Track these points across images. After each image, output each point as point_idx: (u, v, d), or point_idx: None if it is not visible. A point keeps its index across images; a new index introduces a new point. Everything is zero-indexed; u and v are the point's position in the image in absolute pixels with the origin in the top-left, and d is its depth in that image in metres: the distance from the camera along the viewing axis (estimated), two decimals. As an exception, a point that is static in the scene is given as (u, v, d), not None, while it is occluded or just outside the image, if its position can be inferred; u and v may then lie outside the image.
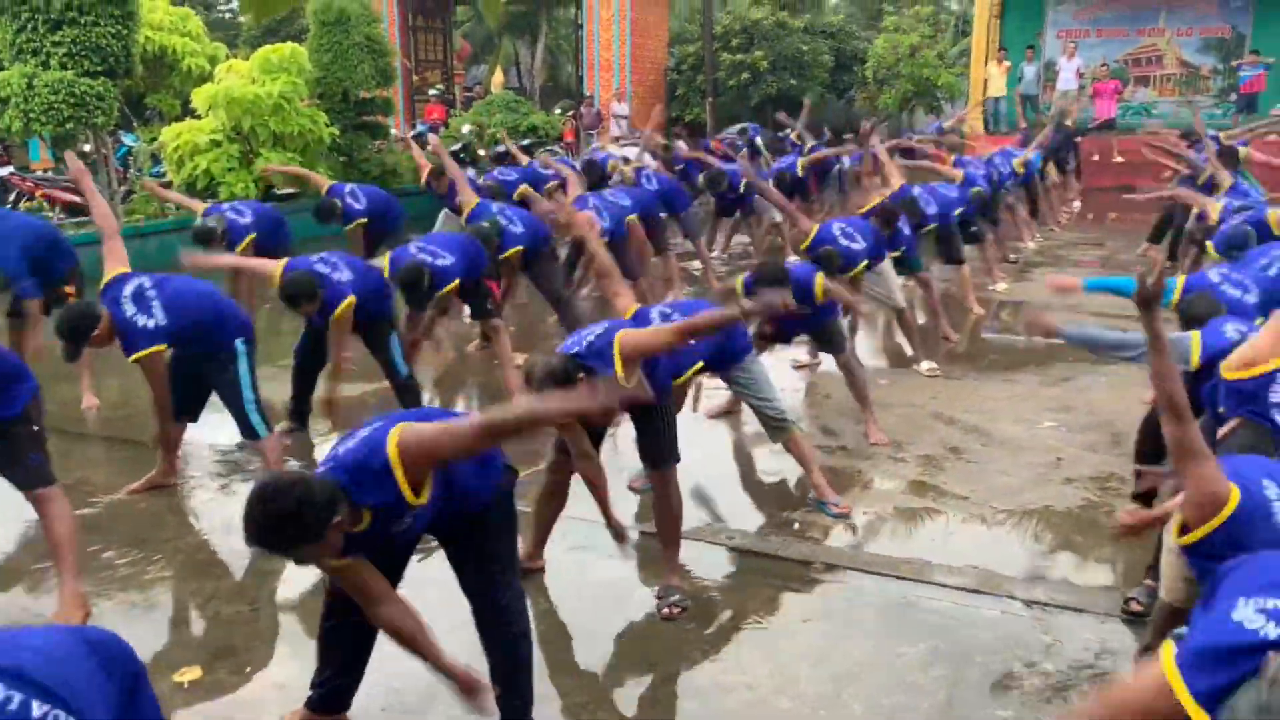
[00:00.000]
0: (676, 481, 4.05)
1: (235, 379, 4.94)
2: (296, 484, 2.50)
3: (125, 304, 4.69)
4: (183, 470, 5.43)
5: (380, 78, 14.23)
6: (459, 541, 3.07)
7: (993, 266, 9.90)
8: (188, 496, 5.22)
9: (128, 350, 4.72)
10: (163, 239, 10.67)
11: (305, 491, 2.48)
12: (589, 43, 21.73)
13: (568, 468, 4.12)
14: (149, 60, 12.81)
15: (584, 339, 3.74)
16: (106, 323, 4.65)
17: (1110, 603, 3.95)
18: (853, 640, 3.78)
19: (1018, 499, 4.96)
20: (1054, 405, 6.33)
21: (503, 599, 3.07)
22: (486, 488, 3.01)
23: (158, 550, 4.58)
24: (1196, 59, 20.06)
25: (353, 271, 5.56)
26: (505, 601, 3.08)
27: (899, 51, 21.21)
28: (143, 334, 4.68)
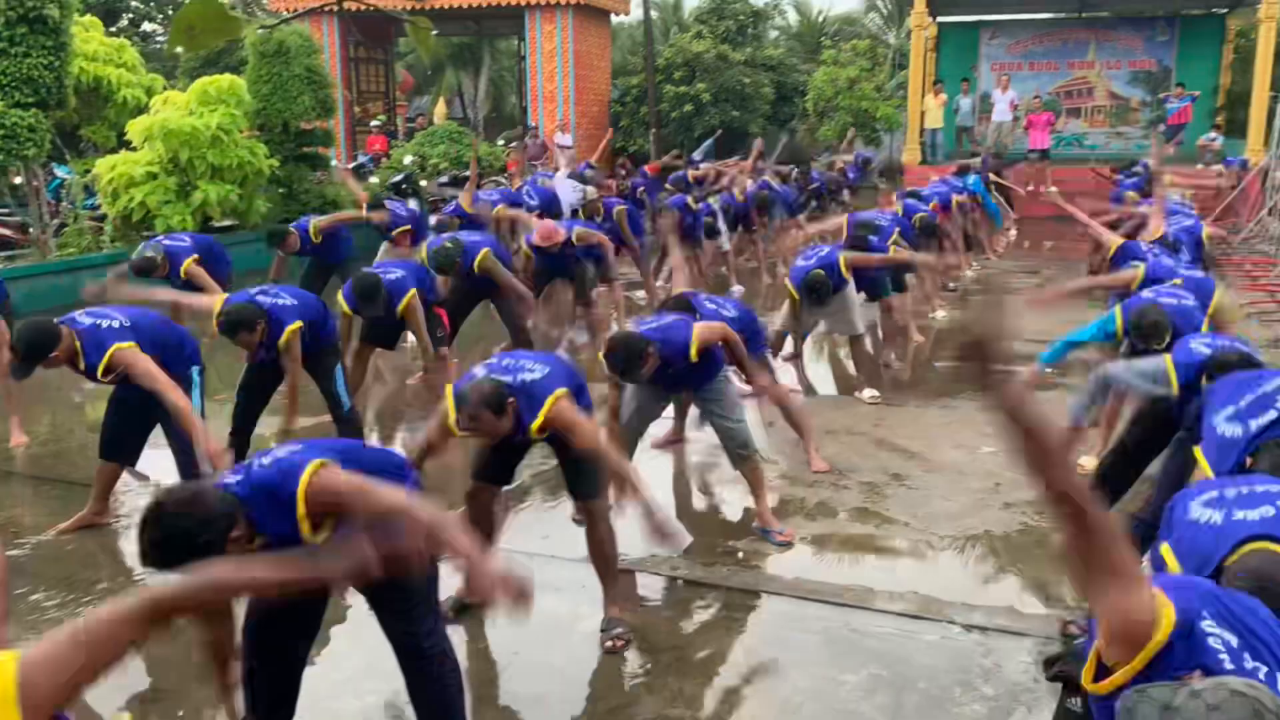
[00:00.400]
0: (605, 515, 4.02)
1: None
2: (191, 498, 2.45)
3: (83, 317, 4.61)
4: (116, 509, 5.30)
5: (321, 109, 14.13)
6: (376, 582, 3.00)
7: (932, 295, 10.03)
8: (120, 535, 5.09)
9: (93, 360, 4.52)
10: (96, 273, 10.47)
11: (200, 504, 2.43)
12: (532, 74, 21.82)
13: (486, 493, 4.08)
14: (83, 91, 12.61)
15: (521, 370, 3.72)
16: (67, 340, 4.49)
17: (1049, 626, 3.99)
18: (796, 669, 3.78)
19: (958, 524, 5.01)
20: (992, 431, 6.39)
21: (424, 643, 3.01)
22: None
23: (88, 592, 4.46)
24: (1126, 91, 20.64)
25: (295, 299, 5.51)
26: (427, 646, 3.01)
27: (838, 84, 21.58)
28: (109, 333, 4.56)
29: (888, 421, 6.67)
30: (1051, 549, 4.72)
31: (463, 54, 28.90)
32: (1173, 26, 20.33)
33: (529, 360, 3.84)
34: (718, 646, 3.96)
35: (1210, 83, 19.96)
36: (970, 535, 4.90)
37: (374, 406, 7.33)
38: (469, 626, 4.11)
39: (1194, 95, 18.90)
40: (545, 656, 3.91)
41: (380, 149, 18.96)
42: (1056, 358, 5.48)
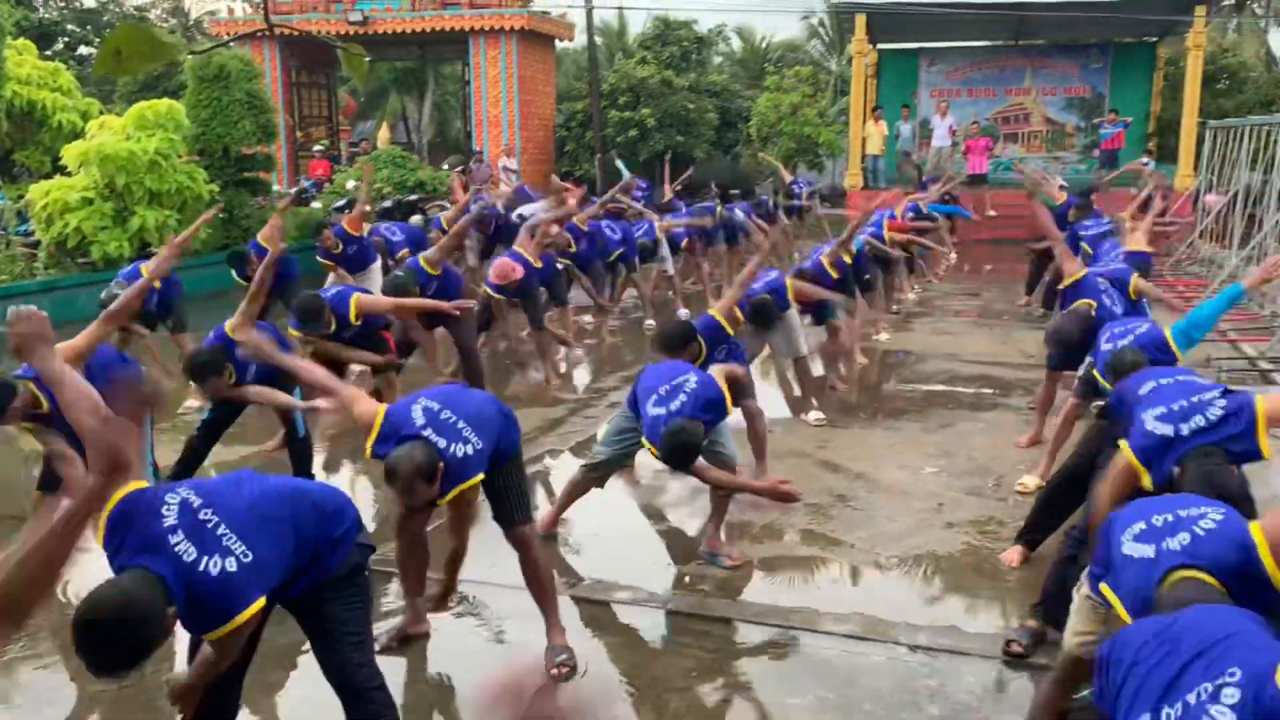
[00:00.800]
0: (533, 540, 3.99)
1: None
2: (120, 604, 2.35)
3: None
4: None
5: (262, 134, 13.99)
6: (310, 614, 2.97)
7: (877, 317, 10.14)
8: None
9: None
10: (28, 300, 10.23)
11: (131, 607, 2.35)
12: (477, 99, 21.80)
13: (417, 523, 4.03)
14: (16, 116, 12.39)
15: (460, 438, 3.58)
16: (30, 392, 4.34)
17: (992, 645, 4.02)
18: (742, 692, 3.77)
19: (902, 544, 5.05)
20: (935, 451, 6.48)
21: (358, 677, 2.99)
22: (335, 560, 2.92)
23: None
24: (1061, 117, 21.10)
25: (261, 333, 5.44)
26: (360, 681, 2.99)
27: (781, 110, 21.79)
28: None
29: (833, 443, 6.71)
30: (993, 569, 4.77)
31: (407, 79, 28.80)
32: (1106, 54, 20.86)
33: (470, 426, 3.62)
34: (664, 671, 3.94)
35: (1142, 109, 20.48)
36: (915, 555, 4.93)
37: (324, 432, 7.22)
38: (411, 660, 4.05)
39: (1126, 121, 19.36)
40: (491, 685, 3.86)
41: (323, 174, 18.79)
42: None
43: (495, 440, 3.76)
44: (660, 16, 25.85)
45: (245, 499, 2.76)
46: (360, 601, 3.02)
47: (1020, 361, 8.80)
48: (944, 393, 7.96)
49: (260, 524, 2.70)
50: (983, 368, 8.74)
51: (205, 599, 2.53)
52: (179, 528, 2.56)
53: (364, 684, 2.99)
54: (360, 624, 3.02)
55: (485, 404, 3.92)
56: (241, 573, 2.58)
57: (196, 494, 2.68)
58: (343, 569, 2.92)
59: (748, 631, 4.23)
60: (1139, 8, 17.77)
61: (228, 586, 2.55)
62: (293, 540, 2.77)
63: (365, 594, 3.06)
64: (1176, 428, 3.42)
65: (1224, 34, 25.03)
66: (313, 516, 2.88)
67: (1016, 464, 6.10)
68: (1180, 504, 2.85)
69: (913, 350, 9.47)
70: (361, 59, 1.65)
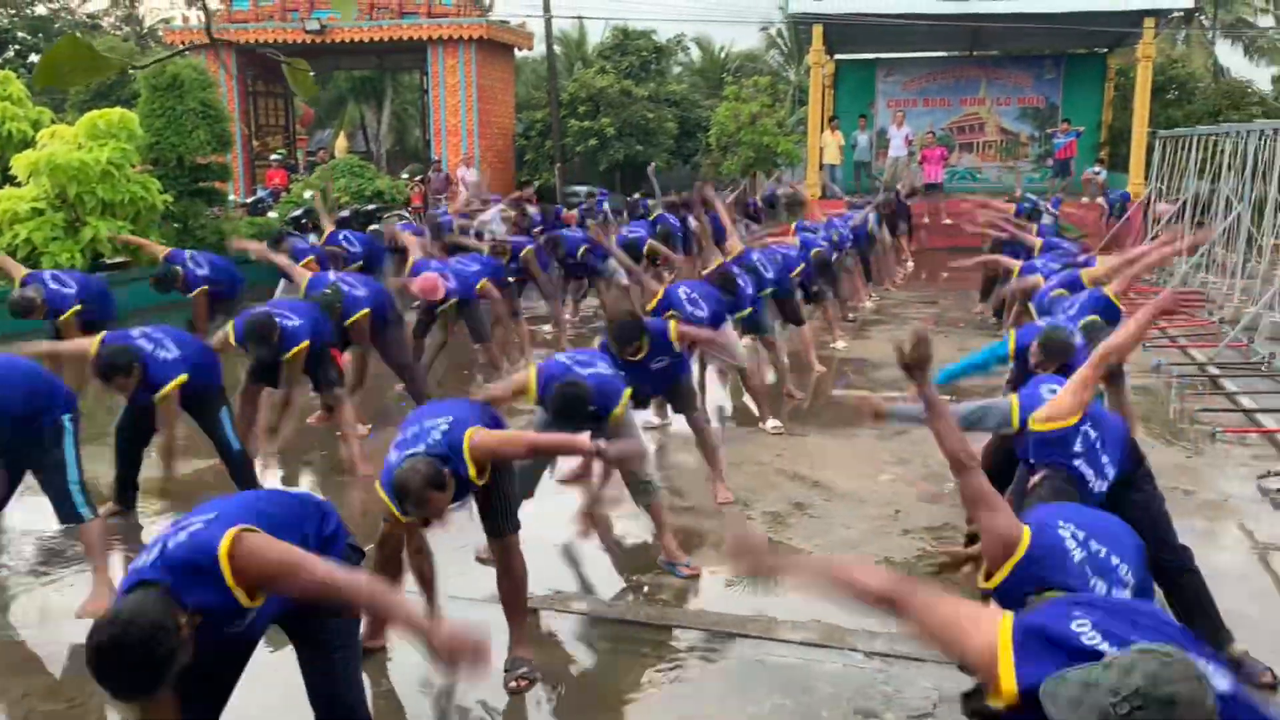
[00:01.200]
0: (519, 550, 3.99)
1: (61, 459, 4.54)
2: (127, 621, 2.32)
3: None
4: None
5: (217, 143, 13.85)
6: (303, 629, 2.95)
7: (833, 325, 10.21)
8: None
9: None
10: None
11: (139, 623, 2.32)
12: (435, 108, 21.74)
13: (396, 537, 4.02)
14: (-36, 125, 12.18)
15: (428, 433, 3.65)
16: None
17: (947, 650, 4.05)
18: (699, 701, 3.78)
19: (859, 551, 5.08)
20: (891, 459, 6.53)
21: (350, 694, 2.99)
22: (331, 557, 2.89)
23: (-38, 647, 4.25)
24: (1015, 126, 21.39)
25: (180, 347, 5.32)
26: (352, 698, 2.99)
27: (740, 120, 21.91)
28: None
29: (790, 452, 6.74)
30: (949, 574, 4.81)
31: (365, 88, 28.67)
32: (1059, 65, 21.18)
33: (429, 419, 3.75)
34: (622, 682, 3.94)
35: (1094, 119, 20.81)
36: (871, 562, 4.96)
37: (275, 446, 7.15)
38: (370, 671, 4.01)
39: (1079, 131, 19.68)
40: (447, 699, 3.84)
41: (280, 183, 18.65)
42: (949, 379, 5.60)
43: (474, 417, 3.78)
44: (619, 26, 25.96)
45: (238, 499, 2.81)
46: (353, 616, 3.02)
47: (976, 369, 8.89)
48: (900, 400, 8.01)
49: (280, 524, 2.73)
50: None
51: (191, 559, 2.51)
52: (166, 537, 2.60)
53: (354, 704, 3.01)
54: (350, 636, 3.03)
55: (445, 405, 3.96)
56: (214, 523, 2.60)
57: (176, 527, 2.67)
58: None
59: (705, 640, 4.23)
60: (1090, 20, 18.07)
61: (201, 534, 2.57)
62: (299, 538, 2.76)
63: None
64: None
65: (1173, 46, 25.54)
66: (311, 512, 2.89)
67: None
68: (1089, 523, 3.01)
69: (869, 358, 9.55)
70: (307, 74, 1.65)
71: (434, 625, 2.59)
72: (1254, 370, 8.72)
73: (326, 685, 2.97)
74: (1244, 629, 3.89)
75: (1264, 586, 4.78)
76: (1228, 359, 9.09)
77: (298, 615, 2.90)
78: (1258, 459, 6.40)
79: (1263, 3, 29.44)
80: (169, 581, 2.46)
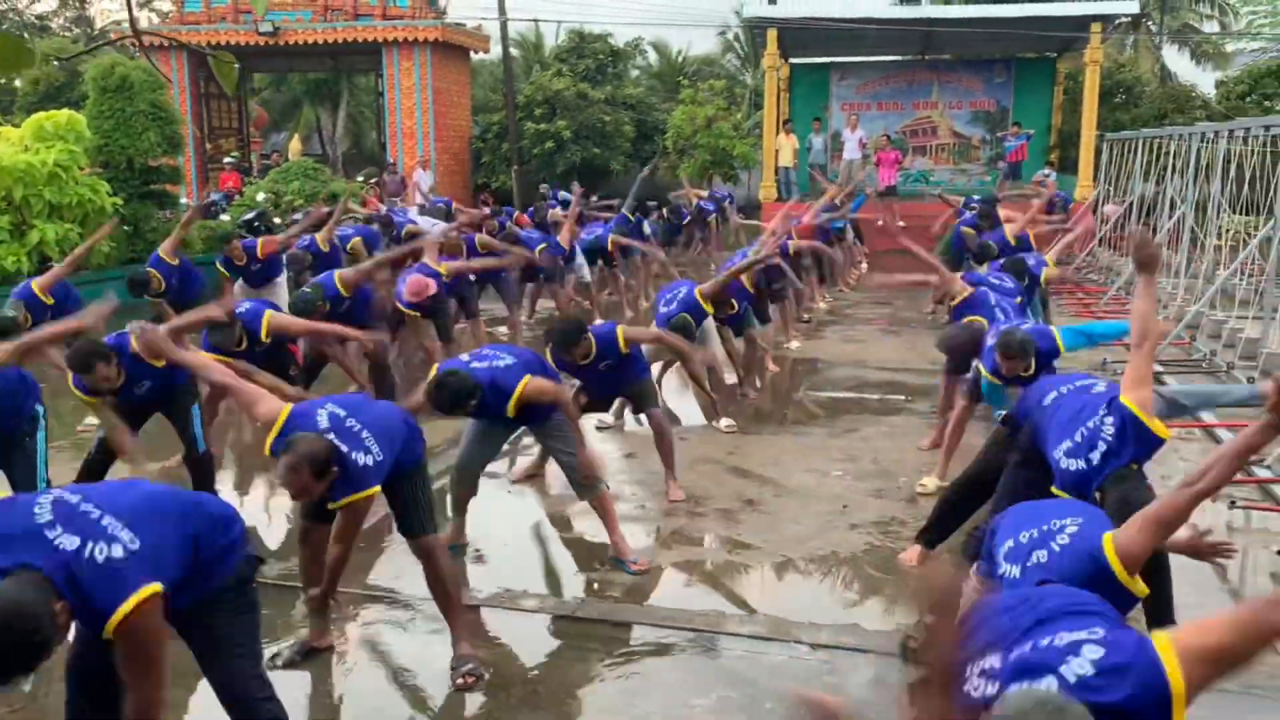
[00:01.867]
0: (438, 550, 3.99)
1: (32, 452, 4.74)
2: (7, 612, 2.29)
3: None
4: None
5: (167, 145, 13.71)
6: (198, 626, 2.91)
7: (788, 325, 10.29)
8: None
9: None
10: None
11: (16, 610, 2.29)
12: (391, 111, 21.63)
13: (318, 533, 4.01)
14: (-93, 126, 11.97)
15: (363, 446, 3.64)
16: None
17: (891, 642, 4.12)
18: (647, 695, 3.81)
19: (806, 546, 5.14)
20: (841, 456, 6.61)
21: (250, 688, 2.96)
22: (223, 572, 2.88)
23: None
24: (967, 130, 21.66)
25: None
26: (252, 691, 2.96)
27: (696, 123, 22.00)
28: None
29: (743, 449, 6.80)
30: (893, 568, 4.89)
31: (320, 90, 28.42)
32: (1009, 69, 21.48)
33: (373, 436, 3.68)
34: (571, 677, 3.96)
35: (1044, 122, 21.12)
36: (819, 556, 5.03)
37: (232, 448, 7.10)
38: (316, 672, 4.02)
39: (1029, 134, 19.97)
40: (393, 698, 3.85)
41: (233, 186, 18.45)
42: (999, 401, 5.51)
43: (397, 452, 3.78)
44: (575, 29, 25.94)
45: (132, 496, 2.73)
46: (249, 612, 2.99)
47: (926, 368, 8.99)
48: (852, 399, 8.13)
49: (148, 517, 2.66)
50: (890, 374, 8.94)
51: (94, 587, 2.46)
52: (56, 522, 2.51)
53: (255, 694, 2.96)
54: (249, 635, 2.99)
55: (390, 415, 3.93)
56: (130, 559, 2.52)
57: (72, 493, 2.64)
58: (231, 579, 2.90)
59: (654, 635, 4.27)
60: (1039, 24, 18.35)
61: (113, 571, 2.49)
62: (180, 537, 2.73)
63: (254, 604, 3.02)
64: (1087, 459, 3.71)
65: (1121, 50, 25.94)
66: (203, 519, 2.85)
67: (918, 466, 6.26)
68: (1046, 515, 3.02)
69: (823, 358, 9.64)
70: (231, 66, 1.66)
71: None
72: (1195, 367, 8.91)
73: (229, 686, 2.95)
74: (1183, 617, 3.98)
75: (1203, 578, 4.88)
76: (1171, 356, 9.27)
77: (191, 616, 2.86)
78: (1201, 454, 6.54)
79: (1208, 9, 30.03)
80: (55, 578, 2.43)
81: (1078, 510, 3.05)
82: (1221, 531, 5.47)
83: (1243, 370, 8.21)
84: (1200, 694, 2.01)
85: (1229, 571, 4.94)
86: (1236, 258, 10.19)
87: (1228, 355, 8.77)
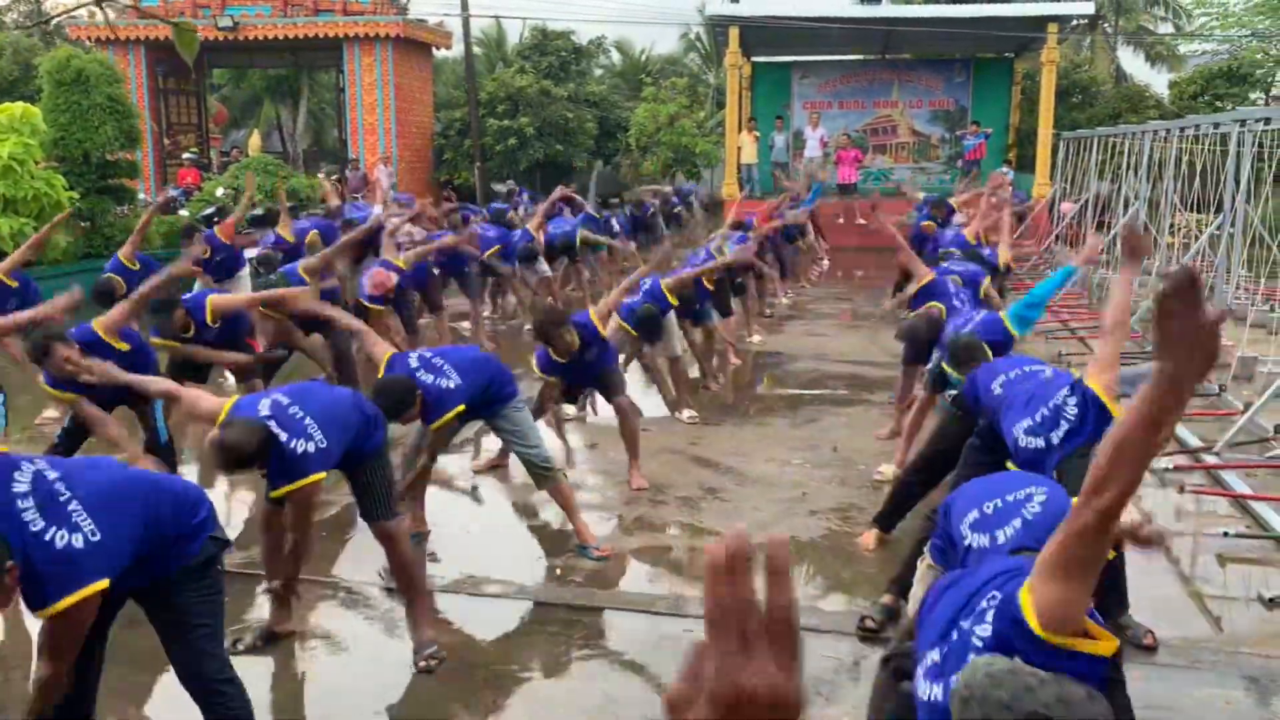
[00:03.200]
0: (399, 534, 4.02)
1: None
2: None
3: None
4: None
5: (125, 140, 13.55)
6: (161, 605, 2.94)
7: (750, 320, 10.37)
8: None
9: None
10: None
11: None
12: (352, 107, 21.50)
13: (279, 518, 4.03)
14: None
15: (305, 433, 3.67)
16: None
17: (847, 622, 4.20)
18: (610, 676, 3.86)
19: (767, 532, 5.21)
20: (801, 445, 6.69)
21: (209, 668, 2.98)
22: (189, 551, 2.90)
23: None
24: (927, 129, 21.87)
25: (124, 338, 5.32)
26: (211, 672, 2.98)
27: (659, 120, 22.08)
28: None
29: (705, 439, 6.86)
30: (851, 552, 4.97)
31: (280, 86, 28.20)
32: (968, 68, 21.71)
33: (318, 424, 3.71)
34: (533, 659, 4.00)
35: (1002, 121, 21.37)
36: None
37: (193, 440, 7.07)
38: (278, 657, 4.03)
39: (987, 132, 20.21)
40: (355, 681, 3.87)
41: (193, 182, 18.28)
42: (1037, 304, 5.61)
43: (349, 440, 3.80)
44: (538, 26, 25.93)
45: (102, 479, 2.74)
46: (213, 593, 3.01)
47: (885, 360, 9.10)
48: (812, 390, 8.22)
49: (113, 504, 2.68)
50: (849, 367, 9.04)
51: (45, 569, 2.49)
52: (30, 495, 2.53)
53: (215, 675, 2.98)
54: (212, 615, 3.01)
55: (341, 403, 3.94)
56: (87, 550, 2.55)
57: (53, 468, 2.66)
58: (197, 559, 2.91)
59: (617, 619, 4.32)
60: (997, 25, 18.58)
61: (69, 562, 2.52)
62: (144, 524, 2.75)
63: (218, 586, 3.05)
64: (1047, 438, 3.75)
65: (1077, 51, 26.33)
66: (167, 502, 2.87)
67: (876, 454, 6.35)
68: (1008, 486, 3.06)
69: (784, 351, 9.73)
70: (193, 34, 1.67)
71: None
72: (1148, 358, 9.07)
73: (189, 665, 2.97)
74: (1131, 597, 4.09)
75: (1152, 563, 5.00)
76: (1124, 349, 9.43)
77: (154, 593, 2.90)
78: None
79: (1162, 11, 30.55)
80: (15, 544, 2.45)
81: (1039, 481, 3.08)
82: (1170, 516, 5.62)
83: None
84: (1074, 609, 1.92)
85: (1178, 555, 5.07)
86: (1187, 253, 10.41)
87: (1179, 347, 8.94)
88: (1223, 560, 4.98)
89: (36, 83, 16.42)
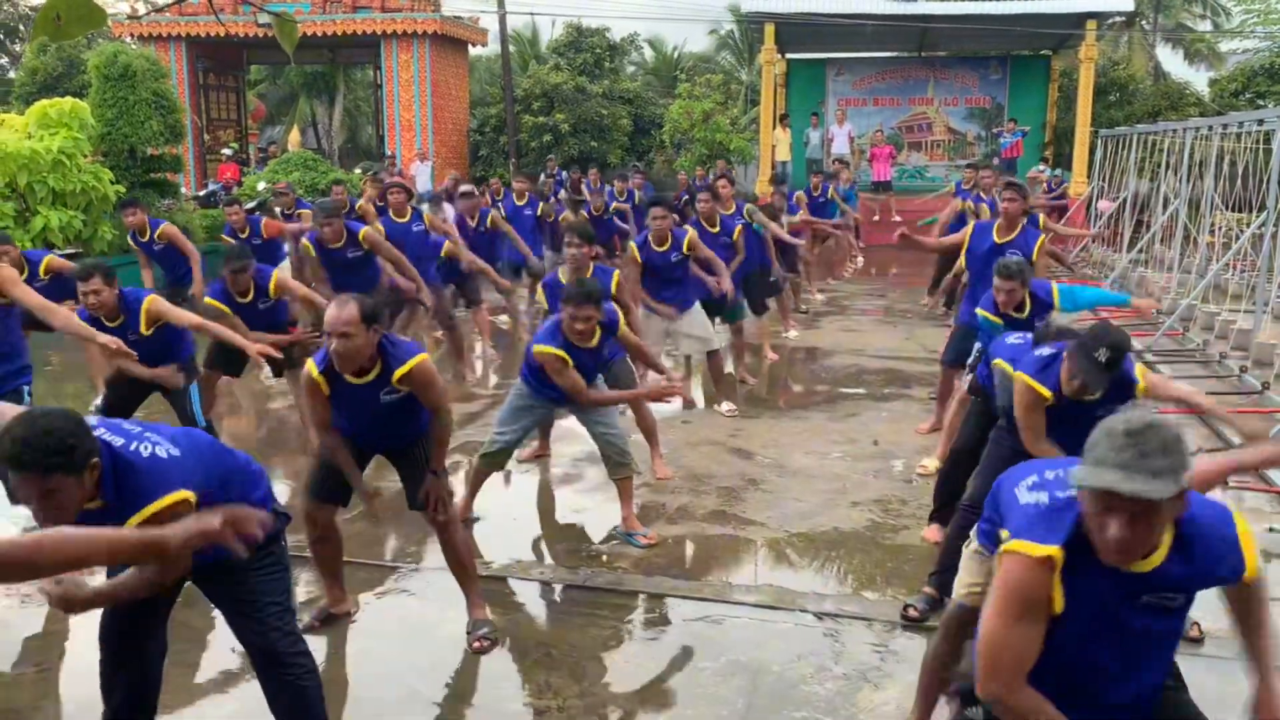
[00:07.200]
0: (451, 521, 4.09)
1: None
2: (53, 412, 2.43)
3: None
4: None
5: (169, 134, 13.76)
6: (229, 583, 2.97)
7: (786, 315, 10.41)
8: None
9: None
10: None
11: (74, 426, 2.44)
12: (389, 104, 21.71)
13: (325, 513, 4.13)
14: (-90, 113, 12.01)
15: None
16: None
17: (891, 611, 4.25)
18: (657, 659, 3.93)
19: (809, 522, 5.27)
20: (840, 438, 6.73)
21: (282, 644, 3.00)
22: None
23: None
24: (962, 126, 21.79)
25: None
26: (283, 648, 3.00)
27: (693, 117, 22.10)
28: None
29: (744, 432, 6.92)
30: (894, 542, 5.02)
31: (317, 83, 28.46)
32: (1005, 66, 21.61)
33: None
34: (584, 642, 4.08)
35: (1039, 118, 21.26)
36: (820, 532, 5.16)
37: (229, 428, 7.21)
38: (332, 636, 4.13)
39: (1024, 130, 20.12)
40: (411, 661, 3.96)
41: (232, 177, 18.53)
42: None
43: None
44: (572, 23, 26.02)
45: (172, 430, 2.83)
46: (280, 569, 3.04)
47: (923, 356, 9.14)
48: (850, 385, 8.26)
49: (188, 441, 2.79)
50: (887, 362, 9.06)
51: (133, 475, 2.55)
52: (100, 426, 2.63)
53: (288, 649, 3.00)
54: (282, 591, 3.04)
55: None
56: (170, 461, 2.62)
57: (113, 425, 2.72)
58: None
59: (662, 604, 4.39)
60: (1034, 22, 18.49)
61: (156, 467, 2.59)
62: (217, 476, 2.82)
63: (284, 562, 3.08)
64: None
65: (1115, 48, 26.13)
66: (231, 466, 2.95)
67: (917, 449, 6.39)
68: (1066, 462, 3.09)
69: (821, 346, 9.76)
70: (293, 25, 1.74)
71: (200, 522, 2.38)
72: (1189, 357, 9.05)
73: (261, 640, 3.00)
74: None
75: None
76: (1165, 347, 9.42)
77: (221, 572, 2.91)
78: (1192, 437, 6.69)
79: (1201, 9, 30.24)
80: (106, 462, 2.55)
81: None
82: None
83: (1235, 360, 8.35)
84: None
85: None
86: (1228, 252, 10.35)
87: (1220, 346, 8.91)
88: (1268, 556, 4.98)
89: (81, 78, 16.71)
